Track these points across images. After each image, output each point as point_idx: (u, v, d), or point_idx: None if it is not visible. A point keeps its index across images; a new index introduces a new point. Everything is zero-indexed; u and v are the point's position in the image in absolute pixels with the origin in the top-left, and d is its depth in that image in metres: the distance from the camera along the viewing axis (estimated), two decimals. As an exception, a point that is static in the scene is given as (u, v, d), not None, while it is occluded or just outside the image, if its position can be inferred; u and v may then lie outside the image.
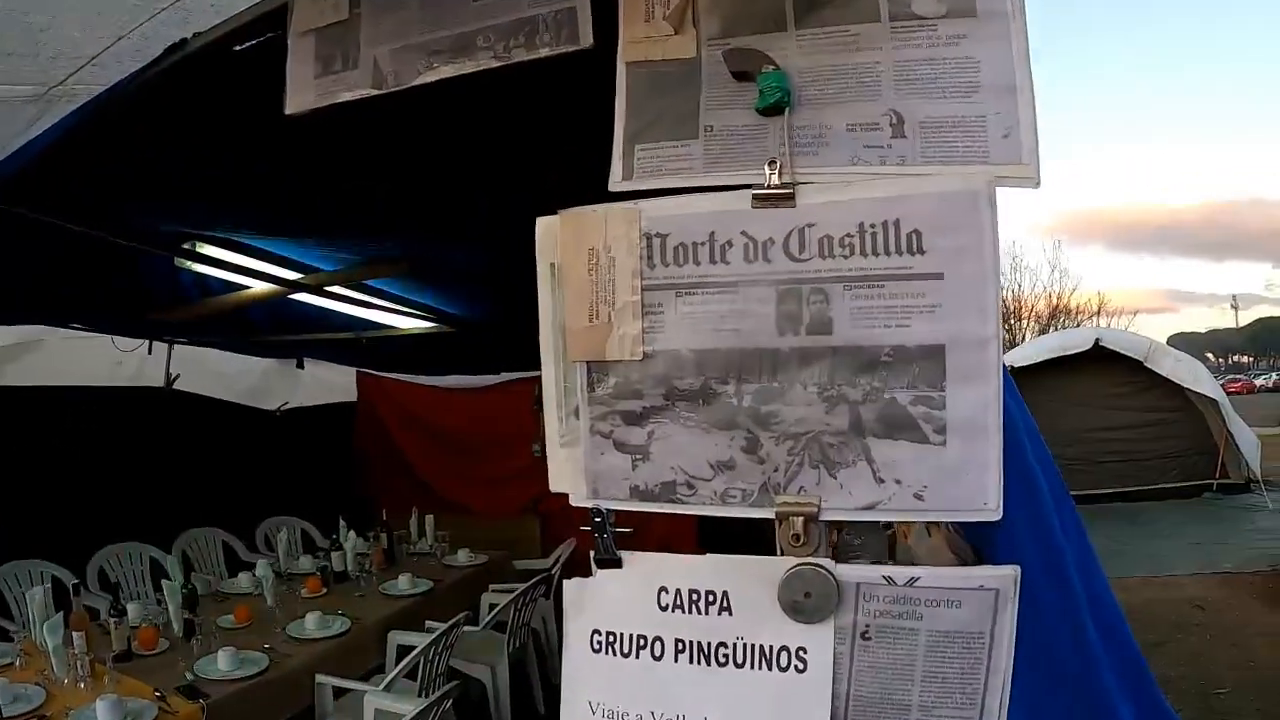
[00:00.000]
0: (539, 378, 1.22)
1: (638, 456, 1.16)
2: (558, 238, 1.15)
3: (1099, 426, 9.70)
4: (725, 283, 1.08)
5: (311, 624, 3.32)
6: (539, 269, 1.18)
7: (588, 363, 1.15)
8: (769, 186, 1.06)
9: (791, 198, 1.06)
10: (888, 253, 1.03)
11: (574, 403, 1.19)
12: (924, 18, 1.07)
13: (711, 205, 1.09)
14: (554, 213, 1.16)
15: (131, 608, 3.27)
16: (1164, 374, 9.53)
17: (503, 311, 4.21)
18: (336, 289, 3.97)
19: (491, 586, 4.54)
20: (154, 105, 1.66)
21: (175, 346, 4.47)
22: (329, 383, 5.43)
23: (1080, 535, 1.22)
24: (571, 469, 1.20)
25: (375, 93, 1.32)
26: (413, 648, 3.14)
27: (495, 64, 1.23)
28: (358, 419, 5.51)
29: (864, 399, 1.07)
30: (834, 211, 1.05)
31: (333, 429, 5.44)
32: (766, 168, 1.07)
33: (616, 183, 1.14)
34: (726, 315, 1.09)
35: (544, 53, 1.21)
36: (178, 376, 4.54)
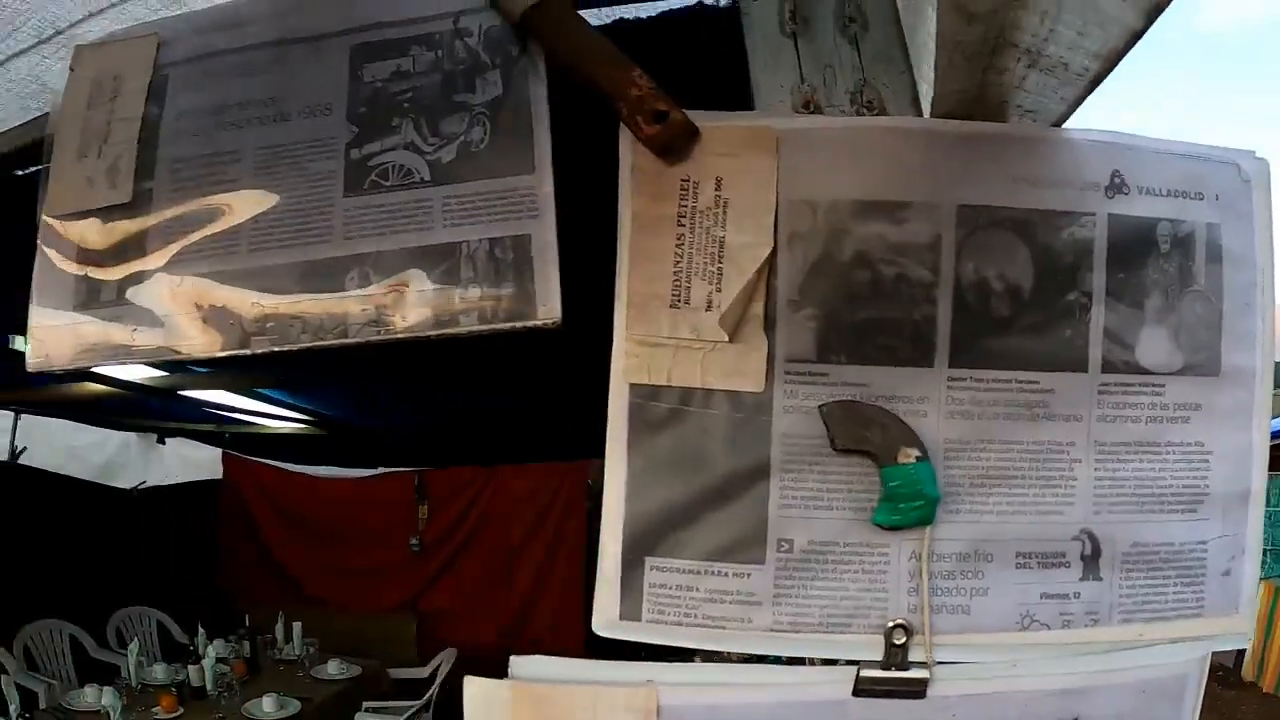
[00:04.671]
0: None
1: None
2: None
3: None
4: None
5: (167, 767, 2.83)
6: None
7: None
8: (887, 663, 0.61)
9: (922, 686, 0.62)
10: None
11: None
12: (1149, 372, 0.63)
13: (784, 691, 0.62)
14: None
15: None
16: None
17: (382, 419, 3.82)
18: (192, 394, 3.18)
19: (366, 705, 3.93)
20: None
21: (22, 416, 3.97)
22: (192, 460, 4.66)
23: None
24: None
25: (166, 358, 0.64)
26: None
27: (372, 337, 0.61)
28: (222, 502, 4.81)
29: None
30: (981, 710, 0.63)
31: (195, 509, 4.77)
32: (885, 633, 0.61)
33: (611, 623, 0.62)
34: None
35: (454, 327, 0.60)
36: (24, 450, 4.02)
